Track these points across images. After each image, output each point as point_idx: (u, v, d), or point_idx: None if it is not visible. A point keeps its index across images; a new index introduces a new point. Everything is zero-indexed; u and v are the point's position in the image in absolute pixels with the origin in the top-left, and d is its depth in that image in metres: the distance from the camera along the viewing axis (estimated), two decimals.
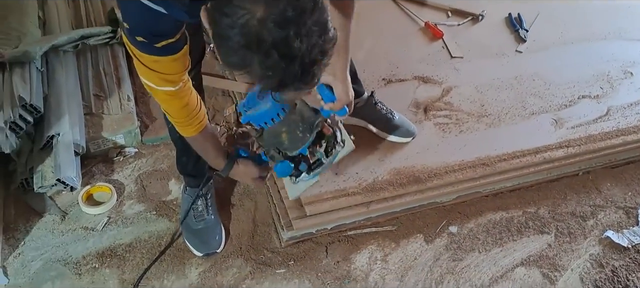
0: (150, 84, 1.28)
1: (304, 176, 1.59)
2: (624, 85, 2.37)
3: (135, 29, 1.16)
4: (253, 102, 1.51)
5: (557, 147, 2.07)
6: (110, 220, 1.83)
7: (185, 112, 1.36)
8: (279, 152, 1.56)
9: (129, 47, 1.22)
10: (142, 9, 1.11)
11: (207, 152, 1.52)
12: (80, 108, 2.06)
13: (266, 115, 1.50)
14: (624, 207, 1.99)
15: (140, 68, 1.25)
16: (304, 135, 1.54)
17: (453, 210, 1.94)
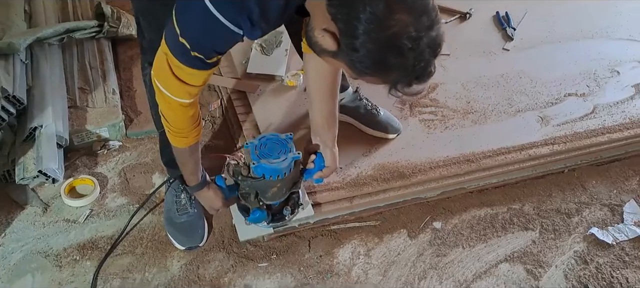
0: (169, 95, 1.28)
1: (262, 224, 1.69)
2: (611, 83, 2.37)
3: (197, 47, 1.17)
4: (270, 152, 1.54)
5: (542, 144, 2.07)
6: (92, 212, 1.82)
7: (188, 123, 1.38)
8: (255, 198, 1.61)
9: (168, 58, 1.21)
10: (219, 29, 1.13)
11: (187, 166, 1.53)
12: (64, 101, 2.05)
13: (277, 171, 1.54)
14: (609, 204, 1.99)
15: (168, 79, 1.24)
16: (285, 194, 1.64)
17: (437, 206, 1.93)
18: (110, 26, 2.38)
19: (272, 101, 2.15)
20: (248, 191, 1.62)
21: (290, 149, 1.57)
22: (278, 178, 1.56)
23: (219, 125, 2.14)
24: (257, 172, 1.55)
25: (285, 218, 1.71)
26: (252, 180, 1.57)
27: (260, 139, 1.57)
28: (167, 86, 1.27)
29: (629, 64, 2.48)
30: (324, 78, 1.58)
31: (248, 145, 1.57)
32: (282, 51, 2.34)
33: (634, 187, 2.06)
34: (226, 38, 1.16)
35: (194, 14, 1.14)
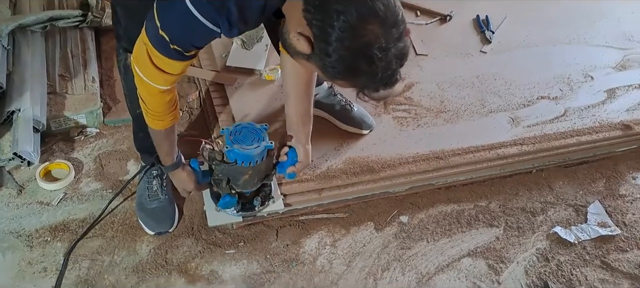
0: (148, 81, 1.34)
1: (231, 211, 1.74)
2: (584, 88, 2.42)
3: (177, 41, 1.23)
4: (244, 139, 1.61)
5: (511, 144, 2.12)
6: (66, 196, 1.86)
7: (165, 107, 1.44)
8: (227, 185, 1.66)
9: (147, 48, 1.27)
10: (198, 27, 1.19)
11: (162, 147, 1.60)
12: (44, 87, 2.09)
13: (250, 158, 1.60)
14: (574, 205, 2.04)
15: (147, 67, 1.30)
16: (257, 183, 1.70)
17: (405, 201, 1.98)
18: (93, 16, 2.42)
19: (250, 94, 2.20)
20: (221, 177, 1.66)
21: (263, 138, 1.62)
22: (250, 166, 1.61)
23: (196, 116, 2.18)
24: (230, 157, 1.61)
25: (254, 208, 1.76)
26: (225, 165, 1.62)
27: (237, 126, 1.63)
28: (146, 73, 1.33)
29: (603, 70, 2.53)
30: (300, 77, 1.64)
31: (224, 130, 1.63)
32: (262, 46, 2.39)
33: (600, 189, 2.11)
34: (204, 35, 1.23)
35: (175, 12, 1.20)
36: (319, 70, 1.22)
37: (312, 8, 1.13)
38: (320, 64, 1.19)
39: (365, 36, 1.11)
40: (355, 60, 1.14)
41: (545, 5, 2.88)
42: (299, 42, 1.18)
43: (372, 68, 1.15)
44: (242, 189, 1.70)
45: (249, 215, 1.79)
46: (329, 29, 1.11)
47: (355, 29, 1.10)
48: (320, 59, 1.17)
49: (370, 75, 1.17)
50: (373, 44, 1.12)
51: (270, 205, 1.79)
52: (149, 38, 1.26)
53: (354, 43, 1.12)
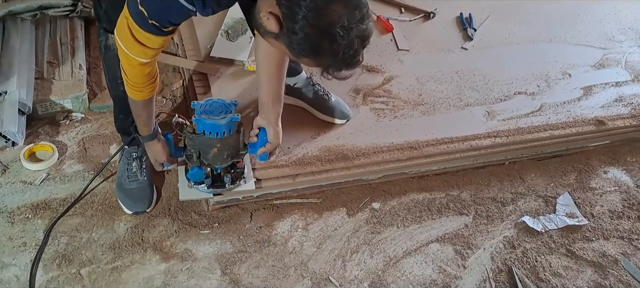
0: (129, 53, 1.42)
1: (202, 187, 1.79)
2: (561, 85, 2.47)
3: (154, 16, 1.32)
4: (212, 111, 1.69)
5: (485, 136, 2.16)
6: (48, 176, 1.93)
7: (145, 79, 1.52)
8: (198, 159, 1.74)
9: (128, 21, 1.35)
10: (174, 5, 1.28)
11: (140, 117, 1.67)
12: (31, 72, 2.16)
13: (216, 127, 1.68)
14: (544, 196, 2.09)
15: (127, 39, 1.38)
16: (227, 159, 1.76)
17: (378, 188, 2.03)
18: (83, 6, 2.49)
19: (231, 83, 2.26)
20: (192, 151, 1.74)
21: (231, 111, 1.71)
22: (217, 137, 1.69)
23: (178, 104, 2.24)
24: (199, 128, 1.70)
25: (224, 186, 1.81)
26: (195, 137, 1.71)
27: (207, 101, 1.73)
28: (127, 46, 1.41)
29: (581, 68, 2.58)
30: (272, 59, 1.72)
31: (195, 104, 1.72)
32: (246, 38, 2.45)
33: (570, 182, 2.16)
34: (179, 13, 1.32)
35: None
36: (286, 49, 1.29)
37: None
38: (287, 42, 1.26)
39: (328, 16, 1.20)
40: (319, 39, 1.22)
41: (528, 5, 2.93)
42: (269, 21, 1.25)
43: (334, 46, 1.23)
44: (213, 163, 1.76)
45: (218, 192, 1.83)
46: (296, 8, 1.19)
47: (320, 9, 1.19)
48: (288, 37, 1.25)
49: (333, 53, 1.25)
50: (336, 23, 1.20)
51: (241, 186, 1.84)
52: (130, 12, 1.34)
53: (319, 22, 1.20)
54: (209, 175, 1.79)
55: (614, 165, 2.26)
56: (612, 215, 2.05)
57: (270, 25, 1.26)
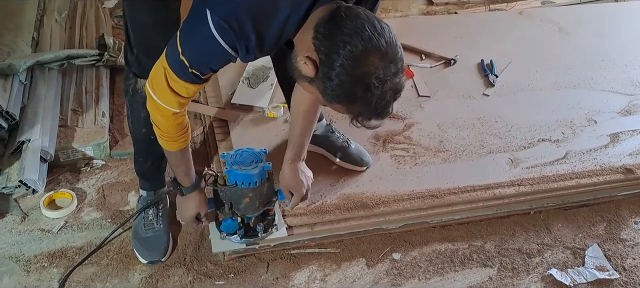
0: (162, 104, 1.43)
1: (235, 238, 1.80)
2: (586, 132, 2.41)
3: (195, 64, 1.34)
4: (243, 161, 1.71)
5: (508, 184, 2.11)
6: (66, 224, 1.93)
7: (178, 129, 1.53)
8: (230, 209, 1.74)
9: (166, 72, 1.37)
10: (218, 51, 1.30)
11: (179, 168, 1.67)
12: (55, 120, 2.19)
13: (249, 178, 1.69)
14: (571, 248, 2.02)
15: (162, 90, 1.40)
16: (259, 207, 1.77)
17: (398, 238, 1.99)
18: (110, 56, 2.54)
19: (251, 129, 2.26)
20: (223, 201, 1.74)
21: (262, 160, 1.72)
22: (249, 187, 1.69)
23: (198, 150, 2.24)
24: (231, 179, 1.70)
25: (257, 235, 1.81)
26: (227, 188, 1.71)
27: (237, 151, 1.74)
28: (160, 96, 1.42)
29: (607, 115, 2.52)
30: (305, 103, 1.73)
31: (224, 155, 1.74)
32: (267, 85, 2.47)
33: (599, 233, 2.08)
34: (222, 58, 1.34)
35: (198, 36, 1.31)
36: (319, 93, 1.32)
37: (321, 36, 1.25)
38: (322, 87, 1.29)
39: (365, 66, 1.23)
40: (353, 87, 1.25)
41: (550, 51, 2.90)
42: (305, 66, 1.29)
43: (367, 96, 1.25)
44: (244, 213, 1.76)
45: (252, 241, 1.82)
46: (335, 56, 1.23)
47: (358, 59, 1.22)
48: (323, 82, 1.28)
49: (365, 102, 1.27)
50: (372, 74, 1.23)
51: (273, 233, 1.84)
52: (169, 63, 1.37)
53: (355, 71, 1.23)
54: (241, 225, 1.78)
55: None
56: None
57: (307, 69, 1.29)
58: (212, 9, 1.27)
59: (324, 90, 1.29)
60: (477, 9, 3.34)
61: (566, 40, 3.00)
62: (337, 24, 1.24)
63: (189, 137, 1.58)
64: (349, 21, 1.23)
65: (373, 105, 1.28)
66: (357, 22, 1.23)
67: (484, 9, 3.33)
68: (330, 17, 1.25)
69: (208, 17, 1.27)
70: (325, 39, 1.25)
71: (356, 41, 1.22)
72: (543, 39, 2.98)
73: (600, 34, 3.07)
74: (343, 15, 1.24)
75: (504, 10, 3.32)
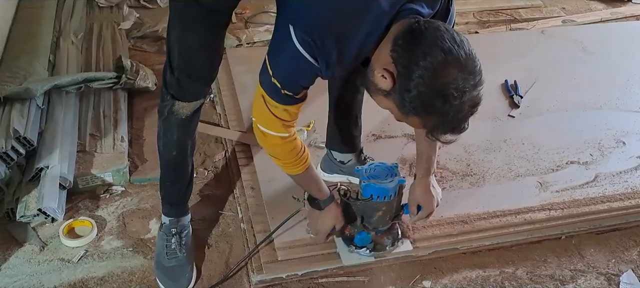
0: (269, 132, 1.49)
1: (364, 251, 1.84)
2: (615, 153, 2.36)
3: (286, 85, 1.38)
4: (378, 175, 1.72)
5: (539, 209, 2.06)
6: (87, 253, 1.87)
7: (293, 154, 1.57)
8: (361, 223, 1.77)
9: (265, 98, 1.42)
10: (305, 66, 1.33)
11: (311, 186, 1.72)
12: (73, 145, 2.14)
13: (385, 191, 1.71)
14: (605, 274, 1.95)
15: (267, 118, 1.45)
16: (388, 221, 1.81)
17: (429, 265, 1.92)
18: (128, 78, 2.51)
19: None
20: (355, 215, 1.77)
21: (397, 174, 1.73)
22: (384, 200, 1.72)
23: (220, 176, 2.19)
24: (366, 193, 1.72)
25: (386, 248, 1.85)
26: (361, 202, 1.73)
27: (370, 165, 1.76)
28: (268, 125, 1.48)
29: (636, 135, 2.47)
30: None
31: (358, 169, 1.75)
32: None
33: (633, 258, 2.02)
34: (309, 73, 1.37)
35: (284, 54, 1.35)
36: (395, 107, 1.32)
37: (400, 49, 1.26)
38: (399, 100, 1.29)
39: (444, 77, 1.22)
40: (432, 98, 1.25)
41: (575, 71, 2.85)
42: (382, 79, 1.29)
43: (445, 107, 1.25)
44: (375, 227, 1.80)
45: (380, 254, 1.85)
46: (413, 67, 1.23)
47: (437, 70, 1.22)
48: (400, 94, 1.28)
49: (443, 114, 1.26)
50: (451, 84, 1.22)
51: (399, 247, 1.87)
52: (265, 88, 1.41)
53: (434, 81, 1.23)
54: (373, 238, 1.82)
55: None
56: None
57: (384, 83, 1.29)
58: (295, 24, 1.30)
59: (401, 102, 1.29)
60: (497, 29, 3.30)
61: (590, 60, 2.96)
62: (417, 36, 1.24)
63: (308, 157, 1.61)
64: (428, 33, 1.24)
65: (450, 117, 1.27)
66: (436, 34, 1.23)
67: (504, 28, 3.29)
68: (409, 30, 1.26)
69: (292, 33, 1.29)
70: (404, 51, 1.25)
71: (436, 52, 1.21)
72: (567, 59, 2.94)
73: (624, 53, 3.03)
74: (422, 28, 1.25)
75: (526, 30, 3.28)
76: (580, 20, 3.38)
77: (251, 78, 2.56)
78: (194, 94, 1.62)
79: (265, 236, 1.89)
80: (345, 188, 1.79)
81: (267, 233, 1.90)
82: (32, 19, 2.76)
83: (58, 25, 2.83)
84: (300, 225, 1.92)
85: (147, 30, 3.05)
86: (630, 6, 3.57)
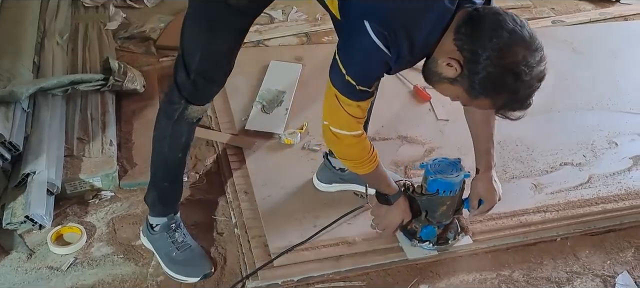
0: (343, 132, 1.51)
1: (427, 245, 1.87)
2: (608, 154, 2.36)
3: (361, 81, 1.41)
4: (443, 170, 1.75)
5: (534, 211, 2.06)
6: (76, 261, 1.82)
7: (366, 152, 1.59)
8: (426, 218, 1.80)
9: (338, 98, 1.44)
10: (379, 56, 1.36)
11: (381, 182, 1.75)
12: (61, 150, 2.09)
13: (451, 186, 1.74)
14: (601, 275, 1.95)
15: (340, 117, 1.48)
16: (451, 215, 1.85)
17: (425, 269, 1.90)
18: (115, 80, 2.45)
19: (267, 157, 2.18)
20: (419, 210, 1.80)
21: (462, 169, 1.77)
22: (449, 195, 1.75)
23: (211, 179, 2.15)
24: (432, 188, 1.75)
25: (448, 242, 1.88)
26: (426, 197, 1.77)
27: (434, 160, 1.79)
28: (341, 126, 1.51)
29: (628, 136, 2.48)
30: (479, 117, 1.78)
31: (423, 165, 1.78)
32: (282, 110, 2.39)
33: (628, 259, 2.01)
34: (383, 63, 1.40)
35: (358, 49, 1.38)
36: (463, 91, 1.39)
37: (464, 36, 1.33)
38: (467, 84, 1.36)
39: (513, 55, 1.30)
40: (502, 77, 1.32)
41: (566, 72, 2.85)
42: (448, 67, 1.36)
43: (516, 84, 1.32)
44: (439, 221, 1.83)
45: (443, 248, 1.88)
46: (480, 50, 1.30)
47: (504, 50, 1.29)
48: (469, 78, 1.34)
49: (513, 91, 1.34)
50: (520, 62, 1.30)
51: (460, 240, 1.90)
52: (338, 89, 1.44)
53: (502, 61, 1.30)
54: (438, 232, 1.85)
55: None
56: None
57: (450, 71, 1.36)
58: (370, 19, 1.34)
59: (470, 86, 1.35)
60: None
61: (580, 60, 2.97)
62: (478, 22, 1.32)
63: (376, 153, 1.63)
64: (489, 18, 1.32)
65: (520, 94, 1.34)
66: (498, 18, 1.31)
67: None
68: (470, 18, 1.34)
69: (367, 27, 1.33)
70: (468, 37, 1.32)
71: (501, 33, 1.29)
72: (557, 59, 2.93)
73: (613, 53, 3.04)
74: (482, 14, 1.33)
75: None
76: (570, 20, 3.39)
77: (242, 79, 2.53)
78: (208, 97, 1.63)
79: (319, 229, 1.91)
80: (409, 183, 1.83)
81: (262, 238, 1.86)
82: (15, 19, 2.69)
83: (42, 25, 2.76)
84: (293, 229, 1.89)
85: (134, 30, 3.00)
86: (618, 6, 3.59)
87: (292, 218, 1.94)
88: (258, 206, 1.98)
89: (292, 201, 2.01)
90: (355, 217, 1.97)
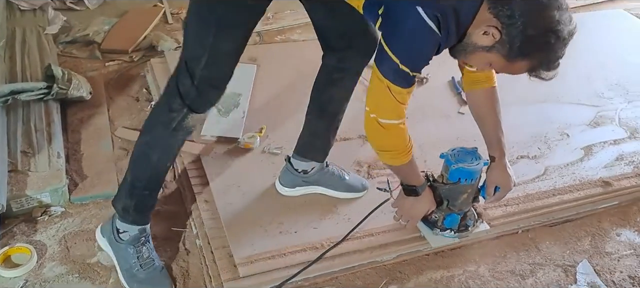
0: (391, 122, 1.53)
1: (448, 233, 1.91)
2: (561, 146, 2.42)
3: (415, 66, 1.45)
4: (463, 159, 1.79)
5: (495, 205, 2.07)
6: (27, 283, 1.71)
7: (407, 140, 1.61)
8: (447, 206, 1.84)
9: (390, 89, 1.45)
10: (430, 36, 1.39)
11: (412, 173, 1.75)
12: (4, 164, 1.96)
13: (472, 174, 1.78)
14: (562, 265, 1.99)
15: (390, 108, 1.50)
16: (470, 203, 1.89)
17: (394, 270, 1.89)
18: (59, 88, 2.33)
19: (228, 162, 2.13)
20: (441, 200, 1.83)
21: (480, 157, 1.81)
22: (470, 183, 1.79)
23: (171, 190, 2.07)
24: (453, 177, 1.79)
25: (468, 229, 1.93)
26: (449, 186, 1.80)
27: (453, 150, 1.82)
28: (390, 115, 1.52)
29: (578, 127, 2.55)
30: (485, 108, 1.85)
31: (443, 155, 1.81)
32: (239, 113, 2.33)
33: (586, 248, 2.07)
34: (435, 45, 1.42)
35: (411, 35, 1.40)
36: (500, 57, 1.43)
37: (497, 4, 1.37)
38: (505, 49, 1.40)
39: (549, 16, 1.35)
40: (541, 36, 1.37)
41: None
42: (485, 36, 1.40)
43: (555, 43, 1.37)
44: (459, 209, 1.86)
45: (463, 235, 1.93)
46: (517, 14, 1.35)
47: (540, 11, 1.35)
48: (508, 42, 1.39)
49: (551, 50, 1.39)
50: (557, 21, 1.35)
51: (478, 227, 1.95)
52: (391, 80, 1.45)
53: (539, 22, 1.36)
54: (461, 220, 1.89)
55: (625, 226, 2.19)
56: (633, 281, 1.96)
57: (486, 39, 1.41)
58: (423, 5, 1.37)
59: (509, 50, 1.39)
60: None
61: None
62: None
63: (411, 141, 1.63)
64: None
65: (557, 53, 1.40)
66: None
67: None
68: None
69: (421, 13, 1.36)
70: (502, 5, 1.36)
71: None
72: None
73: None
74: None
75: None
76: None
77: None
78: (210, 104, 1.59)
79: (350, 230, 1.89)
80: (429, 174, 1.85)
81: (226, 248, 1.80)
82: None
83: None
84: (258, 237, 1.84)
85: (76, 34, 2.86)
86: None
87: (257, 225, 1.88)
88: (220, 215, 1.91)
89: (255, 207, 1.95)
90: (321, 221, 1.94)
